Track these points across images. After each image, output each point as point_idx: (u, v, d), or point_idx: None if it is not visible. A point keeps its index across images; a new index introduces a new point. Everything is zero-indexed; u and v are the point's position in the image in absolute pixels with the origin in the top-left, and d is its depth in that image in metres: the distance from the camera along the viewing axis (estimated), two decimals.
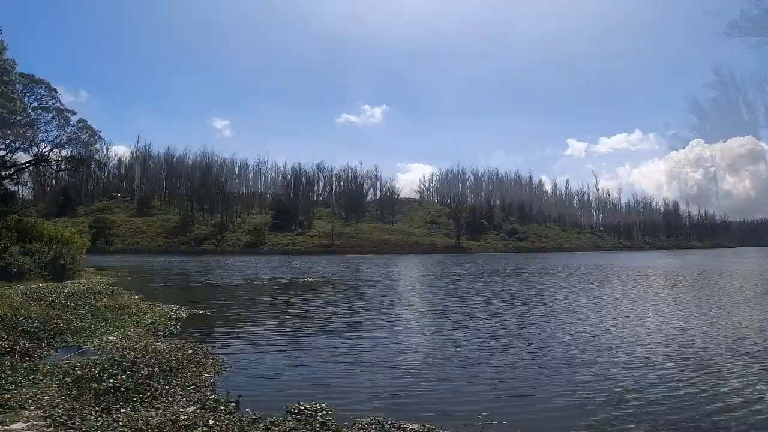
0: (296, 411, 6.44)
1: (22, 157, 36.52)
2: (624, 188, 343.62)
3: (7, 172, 33.77)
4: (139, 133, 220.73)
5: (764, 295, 23.14)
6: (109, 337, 10.96)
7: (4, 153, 33.19)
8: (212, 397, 6.84)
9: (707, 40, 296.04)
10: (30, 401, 6.33)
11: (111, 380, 7.12)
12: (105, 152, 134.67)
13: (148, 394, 6.79)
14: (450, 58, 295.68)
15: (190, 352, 9.55)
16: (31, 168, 39.91)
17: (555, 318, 15.73)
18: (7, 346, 8.87)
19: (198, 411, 6.23)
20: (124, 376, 7.35)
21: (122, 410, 6.12)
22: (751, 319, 15.54)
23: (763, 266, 49.54)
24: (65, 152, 36.64)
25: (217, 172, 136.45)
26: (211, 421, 5.73)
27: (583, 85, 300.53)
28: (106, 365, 7.95)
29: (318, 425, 6.00)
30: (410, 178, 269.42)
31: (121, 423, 5.61)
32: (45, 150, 35.32)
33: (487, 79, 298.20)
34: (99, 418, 5.75)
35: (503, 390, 7.95)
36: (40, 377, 7.44)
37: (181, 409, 6.21)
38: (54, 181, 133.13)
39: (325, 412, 6.41)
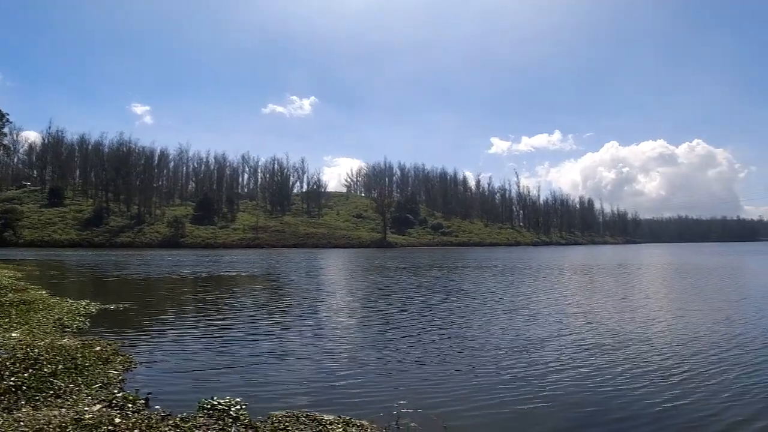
0: (209, 406, 6.35)
1: None
2: (543, 186, 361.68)
3: None
4: (51, 118, 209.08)
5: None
6: (13, 334, 10.39)
7: None
8: (120, 394, 6.64)
9: (628, 46, 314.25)
10: None
11: (12, 378, 6.79)
12: (14, 137, 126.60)
13: (52, 392, 6.53)
14: (384, 55, 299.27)
15: (98, 348, 9.19)
16: None
17: (476, 309, 16.22)
18: None
19: (104, 409, 6.04)
20: (26, 374, 7.03)
21: (24, 409, 5.86)
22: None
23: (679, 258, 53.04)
24: None
25: (134, 161, 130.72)
26: (117, 420, 5.57)
27: (509, 86, 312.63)
28: (7, 363, 7.56)
29: (230, 420, 5.96)
30: (337, 171, 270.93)
31: (22, 423, 5.37)
32: None
33: (419, 77, 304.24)
34: None
35: (420, 379, 8.18)
36: None
37: (86, 408, 6.01)
38: None
39: (238, 407, 6.37)
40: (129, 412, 5.99)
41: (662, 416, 6.60)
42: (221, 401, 6.51)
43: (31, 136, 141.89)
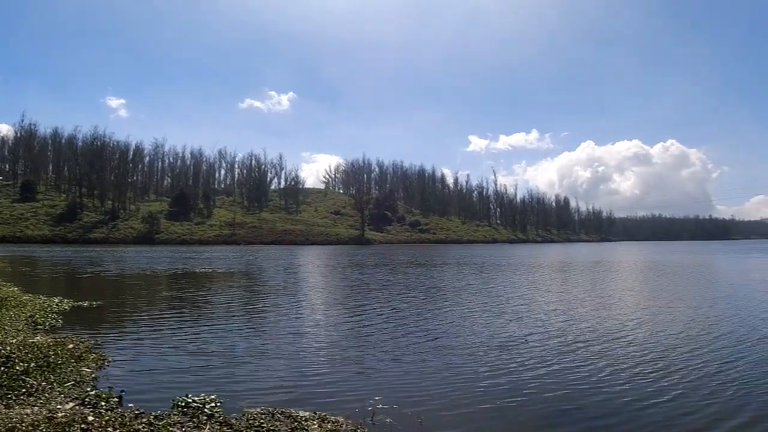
0: (183, 404, 6.32)
1: None
2: (520, 184, 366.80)
3: None
4: (24, 111, 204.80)
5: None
6: None
7: None
8: (93, 392, 6.57)
9: (605, 48, 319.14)
10: None
11: None
12: None
13: (24, 390, 6.45)
14: (364, 52, 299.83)
15: (71, 346, 9.09)
16: None
17: (456, 307, 16.31)
18: None
19: (77, 407, 5.99)
20: None
21: None
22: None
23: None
24: None
25: (109, 156, 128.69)
26: (90, 418, 5.53)
27: (488, 85, 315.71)
28: None
29: (205, 417, 5.96)
30: (316, 168, 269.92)
31: None
32: None
33: (399, 74, 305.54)
34: None
35: (398, 377, 8.24)
36: None
37: (58, 406, 5.96)
38: None
39: (213, 404, 6.34)
40: (102, 410, 5.93)
41: (643, 414, 6.62)
42: (196, 399, 6.48)
43: (3, 129, 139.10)
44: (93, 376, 7.63)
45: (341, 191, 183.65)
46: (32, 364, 7.46)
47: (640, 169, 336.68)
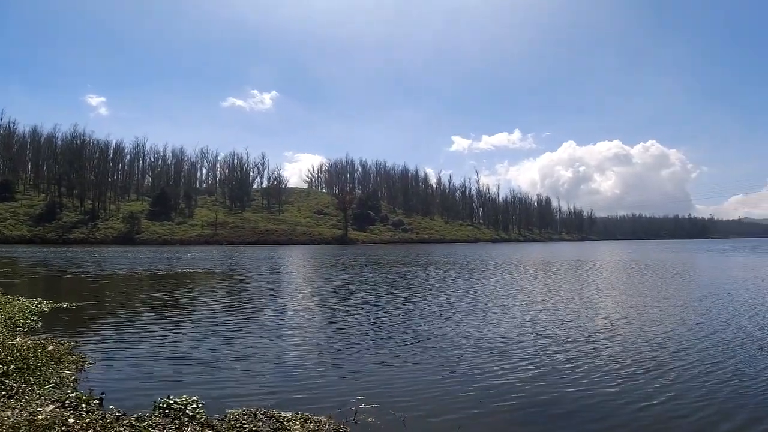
0: (165, 405, 6.31)
1: None
2: (502, 184, 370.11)
3: None
4: (3, 109, 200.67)
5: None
6: None
7: None
8: (73, 394, 6.54)
9: (588, 49, 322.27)
10: None
11: None
12: None
13: (3, 393, 6.40)
14: (348, 52, 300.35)
15: (50, 348, 9.02)
16: None
17: (443, 307, 16.36)
18: None
19: (57, 409, 5.96)
20: None
21: None
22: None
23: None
24: None
25: (89, 155, 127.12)
26: (71, 420, 5.52)
27: (471, 85, 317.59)
28: None
29: (187, 419, 5.96)
30: (299, 167, 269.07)
31: None
32: None
33: (383, 74, 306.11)
34: None
35: (383, 378, 8.24)
36: None
37: (39, 409, 5.93)
38: None
39: (195, 406, 6.34)
40: (83, 412, 5.92)
41: (636, 417, 6.57)
42: (177, 400, 6.47)
43: None
44: (73, 378, 7.58)
45: (324, 191, 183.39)
46: (12, 366, 7.40)
47: (621, 169, 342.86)
